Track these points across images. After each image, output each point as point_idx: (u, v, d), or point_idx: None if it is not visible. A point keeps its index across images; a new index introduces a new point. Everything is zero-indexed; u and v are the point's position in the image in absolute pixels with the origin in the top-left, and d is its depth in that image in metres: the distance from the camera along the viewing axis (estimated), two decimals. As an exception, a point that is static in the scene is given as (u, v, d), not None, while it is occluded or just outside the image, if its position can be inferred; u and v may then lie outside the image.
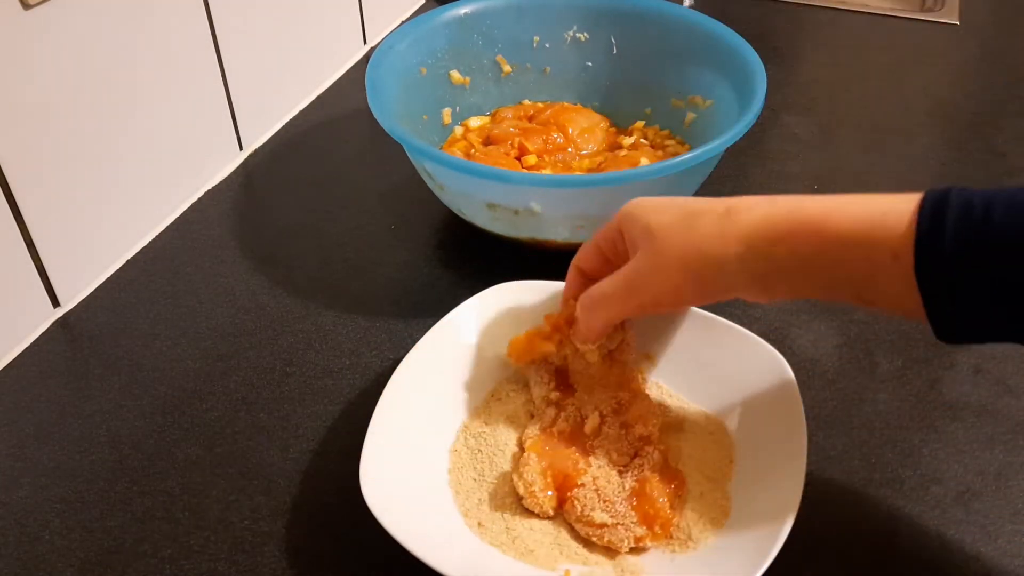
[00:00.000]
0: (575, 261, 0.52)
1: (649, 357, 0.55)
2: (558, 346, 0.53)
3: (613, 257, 0.49)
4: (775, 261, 0.40)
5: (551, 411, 0.52)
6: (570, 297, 0.52)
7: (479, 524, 0.47)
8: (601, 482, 0.48)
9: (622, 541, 0.45)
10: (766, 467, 0.48)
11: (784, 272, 0.41)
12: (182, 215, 0.73)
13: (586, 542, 0.47)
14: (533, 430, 0.51)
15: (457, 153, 0.72)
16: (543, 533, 0.47)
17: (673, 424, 0.52)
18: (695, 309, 0.55)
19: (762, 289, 0.42)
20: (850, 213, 0.38)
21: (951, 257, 0.35)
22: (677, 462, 0.50)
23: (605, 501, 0.47)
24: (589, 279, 0.50)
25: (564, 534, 0.47)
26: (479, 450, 0.51)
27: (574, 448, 0.50)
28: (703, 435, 0.51)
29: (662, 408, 0.53)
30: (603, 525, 0.46)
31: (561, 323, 0.53)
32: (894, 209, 0.37)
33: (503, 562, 0.45)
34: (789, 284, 0.41)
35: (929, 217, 0.36)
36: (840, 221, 0.38)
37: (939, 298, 0.36)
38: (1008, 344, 0.59)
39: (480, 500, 0.49)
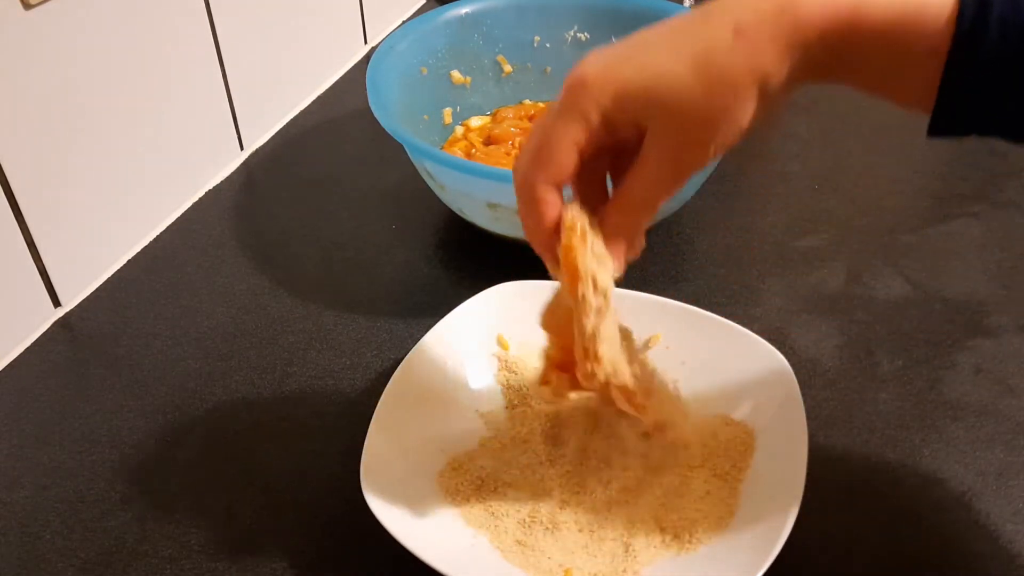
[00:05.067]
0: (545, 183, 0.38)
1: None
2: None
3: (599, 154, 0.38)
4: (809, 61, 0.35)
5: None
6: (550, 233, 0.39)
7: (479, 523, 0.47)
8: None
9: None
10: (766, 467, 0.48)
11: (813, 68, 0.36)
12: (182, 215, 0.73)
13: (588, 544, 0.47)
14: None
15: (458, 153, 0.72)
16: (544, 534, 0.47)
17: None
18: (695, 308, 0.55)
19: (786, 88, 0.36)
20: (885, 4, 0.34)
21: (985, 64, 0.33)
22: (686, 459, 0.50)
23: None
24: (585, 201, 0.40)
25: (567, 537, 0.47)
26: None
27: None
28: (708, 433, 0.51)
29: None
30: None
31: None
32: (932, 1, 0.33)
33: (503, 562, 0.45)
34: (811, 78, 0.36)
35: (972, 14, 0.33)
36: (875, 13, 0.34)
37: (956, 99, 0.34)
38: (1008, 343, 0.59)
39: (479, 500, 0.49)
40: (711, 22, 0.35)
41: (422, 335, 0.54)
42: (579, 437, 0.51)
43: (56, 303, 0.63)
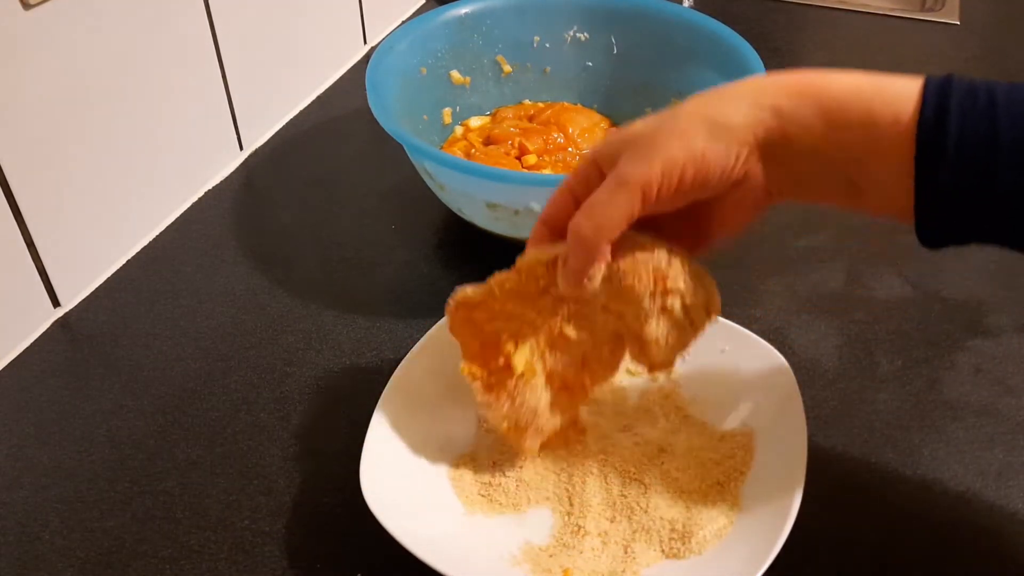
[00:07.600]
0: (543, 217, 0.44)
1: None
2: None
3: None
4: (780, 115, 0.38)
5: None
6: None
7: (479, 523, 0.47)
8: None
9: None
10: (766, 467, 0.48)
11: (787, 137, 0.38)
12: (182, 215, 0.73)
13: (588, 545, 0.47)
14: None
15: (457, 153, 0.72)
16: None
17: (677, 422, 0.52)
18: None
19: (767, 163, 0.40)
20: (851, 82, 0.37)
21: (954, 150, 0.34)
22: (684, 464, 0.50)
23: None
24: (560, 235, 0.43)
25: (568, 534, 0.47)
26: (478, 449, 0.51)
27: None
28: (707, 435, 0.51)
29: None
30: None
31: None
32: (901, 90, 0.36)
33: (503, 562, 0.45)
34: (790, 159, 0.39)
35: (934, 103, 0.35)
36: (842, 88, 0.37)
37: (933, 192, 0.35)
38: (1008, 343, 0.59)
39: (482, 498, 0.49)
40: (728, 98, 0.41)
41: (422, 335, 0.54)
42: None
43: (55, 303, 0.63)
